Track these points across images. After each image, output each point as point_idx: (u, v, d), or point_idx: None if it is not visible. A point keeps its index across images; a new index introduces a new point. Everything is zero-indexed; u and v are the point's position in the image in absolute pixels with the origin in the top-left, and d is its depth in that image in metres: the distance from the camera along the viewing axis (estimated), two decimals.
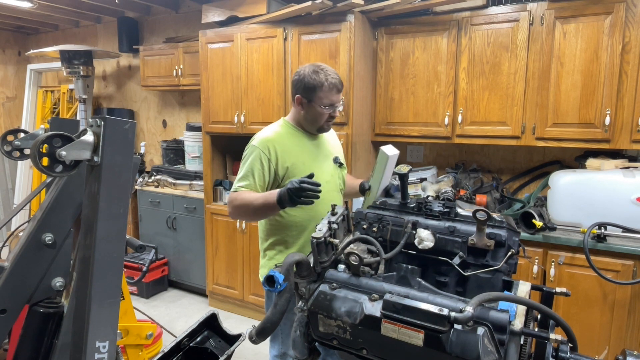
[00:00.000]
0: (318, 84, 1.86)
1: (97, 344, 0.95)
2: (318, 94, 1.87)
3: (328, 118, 1.93)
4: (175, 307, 4.00)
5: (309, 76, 1.88)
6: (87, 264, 0.94)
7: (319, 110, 1.90)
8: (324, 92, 1.86)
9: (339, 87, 1.90)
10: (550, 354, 1.03)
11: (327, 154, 2.05)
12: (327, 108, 1.89)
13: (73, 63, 4.46)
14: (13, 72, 5.67)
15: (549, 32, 2.69)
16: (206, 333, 2.25)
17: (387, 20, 3.20)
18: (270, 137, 1.92)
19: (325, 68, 1.90)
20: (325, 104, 1.88)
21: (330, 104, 1.89)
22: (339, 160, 2.08)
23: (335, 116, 1.95)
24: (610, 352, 2.49)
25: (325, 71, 1.89)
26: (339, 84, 1.90)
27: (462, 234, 1.32)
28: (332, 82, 1.87)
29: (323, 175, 1.96)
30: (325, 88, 1.86)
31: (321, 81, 1.86)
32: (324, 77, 1.86)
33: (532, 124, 2.79)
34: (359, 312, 1.11)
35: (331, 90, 1.87)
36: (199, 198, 3.94)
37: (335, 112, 1.93)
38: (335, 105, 1.91)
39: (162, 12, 4.62)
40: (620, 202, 2.47)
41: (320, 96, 1.87)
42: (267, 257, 2.03)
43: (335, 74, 1.91)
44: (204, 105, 3.69)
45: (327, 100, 1.88)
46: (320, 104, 1.88)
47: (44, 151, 0.87)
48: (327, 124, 1.96)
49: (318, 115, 1.91)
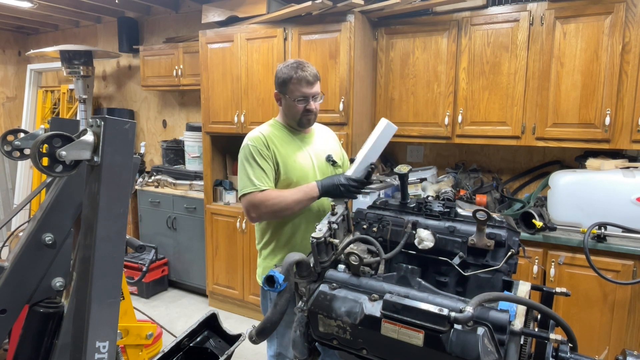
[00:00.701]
0: (287, 77, 1.87)
1: (97, 344, 0.95)
2: (289, 87, 1.88)
3: (305, 111, 1.90)
4: (175, 307, 4.00)
5: (281, 71, 1.90)
6: (87, 264, 0.94)
7: (292, 104, 1.89)
8: (294, 85, 1.86)
9: (309, 79, 1.86)
10: (550, 354, 1.03)
11: (318, 152, 2.02)
12: (300, 101, 1.88)
13: (73, 63, 4.46)
14: (13, 72, 5.67)
15: (549, 32, 2.69)
16: (206, 333, 2.25)
17: (387, 20, 3.20)
18: (261, 135, 1.91)
19: (299, 63, 1.90)
20: (297, 96, 1.87)
21: (303, 96, 1.87)
22: (332, 159, 2.05)
23: (311, 109, 1.91)
24: (610, 352, 2.49)
25: (298, 65, 1.88)
26: (310, 75, 1.87)
27: (462, 234, 1.32)
28: (301, 75, 1.85)
29: (315, 173, 1.96)
30: (294, 80, 1.86)
31: (290, 74, 1.86)
32: (294, 70, 1.86)
33: (532, 124, 2.79)
34: (359, 312, 1.11)
35: (300, 82, 1.85)
36: (199, 198, 3.94)
37: (310, 104, 1.89)
38: (308, 98, 1.88)
39: (162, 12, 4.62)
40: (620, 202, 2.47)
41: (291, 89, 1.87)
42: (262, 255, 2.04)
43: (308, 67, 1.89)
44: (204, 105, 3.69)
45: (298, 93, 1.87)
46: (292, 97, 1.88)
47: (44, 151, 0.87)
48: (305, 118, 1.93)
49: (293, 109, 1.91)
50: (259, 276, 2.06)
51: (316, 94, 1.91)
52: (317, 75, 1.91)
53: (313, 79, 1.88)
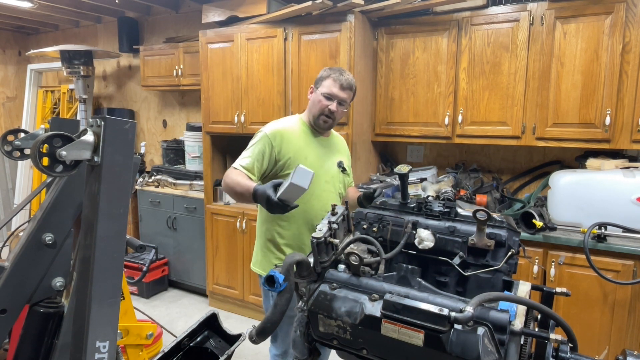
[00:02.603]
0: (326, 74, 2.01)
1: (97, 344, 0.95)
2: (323, 82, 2.00)
3: (326, 112, 1.99)
4: (176, 307, 4.00)
5: (324, 70, 2.05)
6: (87, 264, 0.94)
7: (318, 98, 1.99)
8: (327, 82, 1.98)
9: (343, 84, 1.98)
10: (550, 354, 1.03)
11: (332, 156, 2.10)
12: (325, 98, 1.98)
13: (73, 63, 4.46)
14: (13, 72, 5.67)
15: (549, 32, 2.69)
16: (206, 333, 2.25)
17: (387, 20, 3.20)
18: (281, 129, 1.99)
19: (342, 69, 2.03)
20: (324, 92, 1.98)
21: (329, 94, 1.97)
22: (342, 165, 2.12)
23: (333, 111, 1.99)
24: (610, 352, 2.49)
25: (340, 70, 2.02)
26: (345, 82, 1.98)
27: (462, 234, 1.32)
28: (337, 77, 1.98)
29: (324, 175, 2.02)
30: (330, 79, 1.98)
31: (329, 73, 2.00)
32: (334, 72, 2.00)
33: (532, 124, 2.79)
34: (359, 312, 1.11)
35: (334, 83, 1.97)
36: (199, 198, 3.94)
37: (333, 106, 1.98)
38: (333, 99, 1.98)
39: (162, 12, 4.62)
40: (620, 202, 2.47)
41: (324, 84, 1.99)
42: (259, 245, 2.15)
43: (348, 75, 2.01)
44: (204, 105, 3.69)
45: (327, 90, 1.98)
46: (321, 90, 1.99)
47: (44, 151, 0.87)
48: (323, 118, 2.01)
49: (317, 103, 2.00)
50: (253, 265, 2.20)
51: (343, 99, 2.00)
52: (353, 86, 2.03)
53: (347, 85, 1.99)
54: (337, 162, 2.11)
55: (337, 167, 2.10)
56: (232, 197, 1.93)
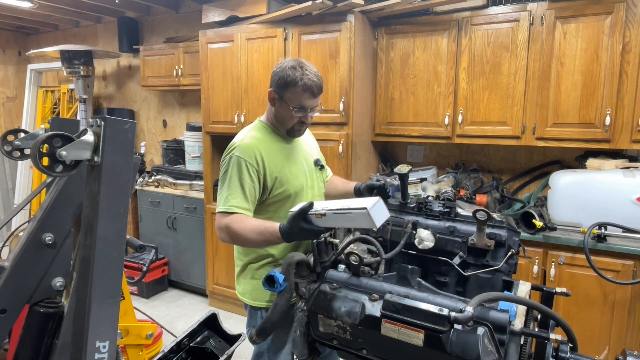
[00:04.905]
0: (292, 81, 1.66)
1: (97, 344, 0.95)
2: (289, 91, 1.67)
3: (299, 122, 1.74)
4: (176, 307, 4.00)
5: (286, 70, 1.67)
6: (87, 264, 0.94)
7: (287, 112, 1.71)
8: (296, 93, 1.67)
9: (314, 90, 1.68)
10: (550, 354, 1.03)
11: (307, 157, 1.89)
12: (296, 111, 1.69)
13: (73, 63, 4.46)
14: (13, 72, 5.67)
15: (549, 32, 2.69)
16: (206, 333, 2.26)
17: (387, 20, 3.20)
18: (251, 144, 1.70)
19: (306, 66, 1.69)
20: (295, 105, 1.68)
21: (300, 106, 1.69)
22: (320, 163, 1.94)
23: (306, 122, 1.75)
24: (610, 352, 2.49)
25: (305, 69, 1.67)
26: (315, 87, 1.68)
27: (462, 234, 1.32)
28: (307, 84, 1.66)
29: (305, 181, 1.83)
30: (298, 88, 1.66)
31: (295, 79, 1.65)
32: (301, 75, 1.65)
33: (532, 124, 2.79)
34: (359, 312, 1.11)
35: (304, 92, 1.67)
36: (199, 198, 3.94)
37: (307, 117, 1.73)
38: (306, 110, 1.71)
39: (162, 12, 4.62)
40: (620, 202, 2.47)
41: (291, 96, 1.68)
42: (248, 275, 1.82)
43: (315, 75, 1.69)
44: (204, 105, 3.69)
45: (297, 102, 1.68)
46: (290, 104, 1.69)
47: (44, 151, 0.87)
48: (297, 128, 1.76)
49: (287, 117, 1.72)
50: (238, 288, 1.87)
51: (316, 106, 1.75)
52: (322, 87, 1.73)
53: (317, 91, 1.70)
54: (313, 161, 1.91)
55: (315, 167, 1.91)
56: (245, 246, 1.69)
